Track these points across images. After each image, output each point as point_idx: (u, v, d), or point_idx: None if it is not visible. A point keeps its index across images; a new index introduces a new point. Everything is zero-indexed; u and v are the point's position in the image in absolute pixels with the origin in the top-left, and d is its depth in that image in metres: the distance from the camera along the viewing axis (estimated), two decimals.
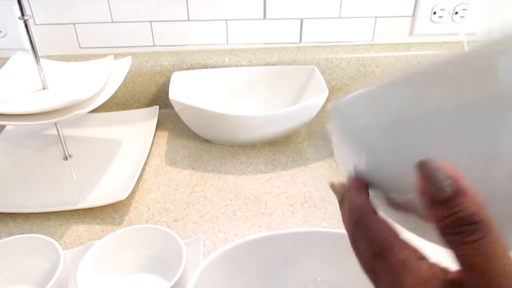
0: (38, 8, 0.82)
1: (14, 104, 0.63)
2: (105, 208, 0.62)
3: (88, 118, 0.83)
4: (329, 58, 0.87)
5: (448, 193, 0.20)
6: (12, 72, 0.70)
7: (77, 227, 0.60)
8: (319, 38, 0.88)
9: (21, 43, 0.83)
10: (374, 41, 0.89)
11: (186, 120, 0.76)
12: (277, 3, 0.84)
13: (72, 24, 0.84)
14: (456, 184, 0.20)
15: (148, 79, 0.86)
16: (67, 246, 0.57)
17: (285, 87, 0.83)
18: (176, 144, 0.78)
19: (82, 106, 0.62)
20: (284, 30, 0.87)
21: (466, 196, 0.20)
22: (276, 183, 0.67)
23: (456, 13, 0.85)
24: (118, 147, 0.75)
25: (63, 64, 0.75)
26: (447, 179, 0.20)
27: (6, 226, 0.60)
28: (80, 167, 0.71)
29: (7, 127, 0.81)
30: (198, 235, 0.56)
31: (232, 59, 0.86)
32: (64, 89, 0.68)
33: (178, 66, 0.85)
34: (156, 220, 0.61)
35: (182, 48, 0.88)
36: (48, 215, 0.62)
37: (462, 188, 0.20)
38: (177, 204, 0.63)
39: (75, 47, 0.86)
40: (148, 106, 0.88)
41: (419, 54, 0.88)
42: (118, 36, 0.86)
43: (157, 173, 0.70)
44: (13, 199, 0.64)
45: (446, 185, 0.20)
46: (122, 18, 0.84)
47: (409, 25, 0.88)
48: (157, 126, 0.81)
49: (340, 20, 0.86)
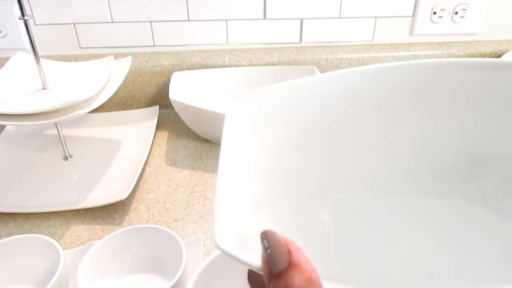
0: (38, 8, 0.82)
1: (14, 104, 0.63)
2: (105, 208, 0.62)
3: (88, 118, 0.83)
4: (329, 58, 0.87)
5: (282, 266, 0.21)
6: (12, 72, 0.70)
7: (77, 227, 0.60)
8: (319, 38, 0.88)
9: (21, 43, 0.83)
10: (374, 41, 0.89)
11: (186, 120, 0.76)
12: (277, 3, 0.84)
13: (72, 24, 0.84)
14: (290, 257, 0.21)
15: (148, 79, 0.86)
16: (67, 246, 0.57)
17: None
18: (176, 144, 0.78)
19: (82, 106, 0.62)
20: (284, 30, 0.87)
21: (297, 269, 0.21)
22: None
23: (456, 13, 0.85)
24: (118, 147, 0.75)
25: (63, 64, 0.75)
26: (285, 253, 0.21)
27: (6, 226, 0.60)
28: (80, 167, 0.71)
29: (7, 127, 0.81)
30: (198, 235, 0.56)
31: (232, 59, 0.86)
32: (64, 89, 0.68)
33: (178, 66, 0.85)
34: (156, 220, 0.61)
35: (182, 48, 0.88)
36: (48, 215, 0.62)
37: (295, 261, 0.21)
38: (177, 204, 0.64)
39: (75, 47, 0.86)
40: (148, 106, 0.88)
41: (419, 54, 0.88)
42: (118, 36, 0.86)
43: (157, 173, 0.70)
44: (13, 199, 0.64)
45: (283, 258, 0.21)
46: (122, 18, 0.84)
47: (409, 25, 0.88)
48: (157, 126, 0.81)
49: (340, 20, 0.86)
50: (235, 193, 0.28)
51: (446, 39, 0.89)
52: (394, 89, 0.36)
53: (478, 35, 0.89)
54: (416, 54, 0.88)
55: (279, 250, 0.22)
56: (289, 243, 0.22)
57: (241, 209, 0.28)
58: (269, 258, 0.22)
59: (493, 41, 0.90)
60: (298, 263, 0.21)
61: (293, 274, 0.21)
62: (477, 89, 0.36)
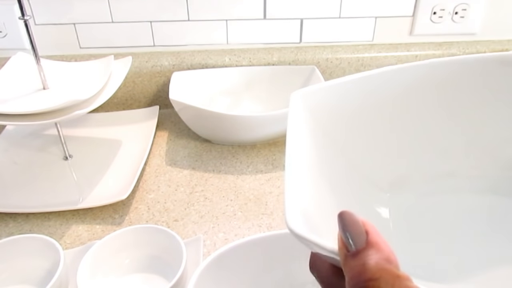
0: (38, 8, 0.82)
1: (14, 104, 0.63)
2: (105, 208, 0.62)
3: (88, 118, 0.83)
4: (329, 58, 0.87)
5: (360, 245, 0.21)
6: (12, 72, 0.70)
7: (77, 227, 0.60)
8: (319, 38, 0.88)
9: (21, 43, 0.83)
10: (374, 41, 0.89)
11: (186, 120, 0.76)
12: (277, 3, 0.84)
13: (72, 24, 0.84)
14: (368, 238, 0.21)
15: (148, 79, 0.86)
16: (67, 246, 0.57)
17: (285, 87, 0.83)
18: (176, 144, 0.78)
19: (82, 106, 0.62)
20: (284, 30, 0.87)
21: (375, 248, 0.21)
22: (276, 183, 0.67)
23: (456, 13, 0.85)
24: (118, 147, 0.75)
25: (63, 64, 0.75)
26: (362, 232, 0.22)
27: (6, 226, 0.60)
28: (80, 167, 0.71)
29: (7, 127, 0.81)
30: (198, 235, 0.56)
31: (232, 59, 0.86)
32: (64, 89, 0.68)
33: (178, 66, 0.85)
34: (156, 220, 0.61)
35: (182, 48, 0.88)
36: (48, 215, 0.62)
37: (374, 240, 0.21)
38: (177, 204, 0.64)
39: (75, 47, 0.86)
40: (148, 106, 0.88)
41: (419, 54, 0.88)
42: (118, 36, 0.86)
43: (157, 173, 0.70)
44: (13, 199, 0.64)
45: (361, 237, 0.21)
46: (122, 18, 0.84)
47: (409, 25, 0.88)
48: (157, 126, 0.81)
49: (340, 20, 0.86)
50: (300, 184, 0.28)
51: (446, 39, 0.89)
52: (448, 82, 0.36)
53: (478, 35, 0.89)
54: (416, 54, 0.88)
55: (357, 229, 0.22)
56: (367, 224, 0.22)
57: (307, 195, 0.28)
58: (346, 238, 0.22)
59: (493, 41, 0.90)
60: (376, 242, 0.21)
61: (371, 252, 0.21)
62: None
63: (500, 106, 0.37)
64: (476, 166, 0.38)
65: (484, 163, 0.38)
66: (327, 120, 0.35)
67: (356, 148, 0.36)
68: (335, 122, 0.35)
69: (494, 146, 0.37)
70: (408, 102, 0.37)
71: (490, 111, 0.37)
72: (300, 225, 0.23)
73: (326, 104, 0.35)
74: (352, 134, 0.36)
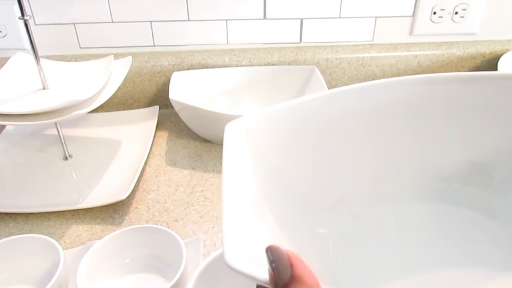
0: (38, 8, 0.82)
1: (14, 104, 0.63)
2: (105, 208, 0.62)
3: (88, 118, 0.83)
4: (329, 58, 0.87)
5: (286, 279, 0.22)
6: (12, 72, 0.70)
7: (77, 227, 0.60)
8: (319, 38, 0.88)
9: (21, 43, 0.83)
10: (374, 41, 0.89)
11: (186, 120, 0.76)
12: (277, 3, 0.84)
13: (72, 24, 0.84)
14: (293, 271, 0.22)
15: (148, 79, 0.86)
16: (67, 246, 0.57)
17: (285, 87, 0.83)
18: (176, 144, 0.78)
19: (82, 106, 0.62)
20: (284, 30, 0.87)
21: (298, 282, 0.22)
22: None
23: (456, 13, 0.85)
24: (118, 147, 0.75)
25: (63, 64, 0.75)
26: (287, 266, 0.22)
27: (6, 226, 0.60)
28: (80, 167, 0.71)
29: (7, 127, 0.81)
30: (198, 235, 0.56)
31: (232, 59, 0.86)
32: (64, 89, 0.68)
33: (178, 66, 0.85)
34: (156, 220, 0.61)
35: (182, 48, 0.88)
36: (48, 215, 0.62)
37: (297, 274, 0.22)
38: (177, 204, 0.64)
39: (75, 47, 0.86)
40: (148, 106, 0.88)
41: (419, 54, 0.88)
42: (118, 36, 0.86)
43: (157, 173, 0.70)
44: (13, 199, 0.64)
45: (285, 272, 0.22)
46: (122, 18, 0.84)
47: (409, 25, 0.88)
48: (157, 126, 0.81)
49: (340, 20, 0.86)
50: (241, 216, 0.29)
51: (446, 39, 0.89)
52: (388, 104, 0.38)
53: (478, 35, 0.89)
54: (416, 54, 0.88)
55: (282, 263, 0.23)
56: (292, 256, 0.23)
57: (247, 227, 0.29)
58: (273, 272, 0.22)
59: (493, 41, 0.90)
60: (300, 276, 0.22)
61: (294, 286, 0.22)
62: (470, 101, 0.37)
63: (430, 123, 0.38)
64: (414, 179, 0.39)
65: (420, 176, 0.39)
66: (266, 148, 0.35)
67: (295, 172, 0.37)
68: (274, 149, 0.36)
69: (431, 160, 0.39)
70: (341, 125, 0.38)
71: (423, 128, 0.39)
72: (240, 261, 0.24)
73: (263, 131, 0.36)
74: (290, 158, 0.37)
